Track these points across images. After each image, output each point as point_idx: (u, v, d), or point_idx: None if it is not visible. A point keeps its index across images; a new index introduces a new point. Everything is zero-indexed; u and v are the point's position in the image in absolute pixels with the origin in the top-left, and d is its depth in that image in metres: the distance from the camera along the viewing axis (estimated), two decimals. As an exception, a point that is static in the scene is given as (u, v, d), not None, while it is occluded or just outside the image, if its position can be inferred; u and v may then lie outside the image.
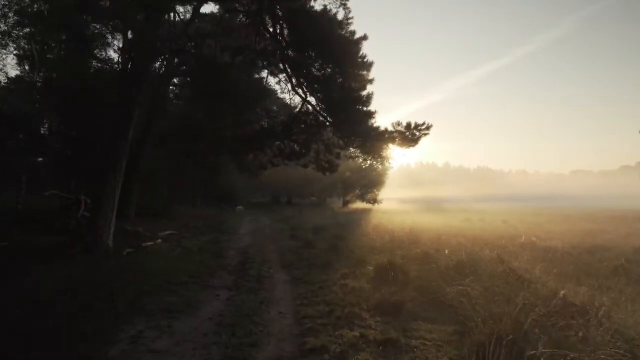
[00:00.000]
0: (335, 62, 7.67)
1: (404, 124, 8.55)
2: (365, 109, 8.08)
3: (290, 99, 9.30)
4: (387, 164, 39.12)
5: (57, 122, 12.40)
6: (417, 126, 8.58)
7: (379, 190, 39.30)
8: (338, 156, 9.59)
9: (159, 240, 9.62)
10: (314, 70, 8.02)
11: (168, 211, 17.53)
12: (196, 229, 13.87)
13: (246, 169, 10.75)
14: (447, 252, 6.97)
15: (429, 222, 18.21)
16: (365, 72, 8.05)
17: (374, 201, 38.44)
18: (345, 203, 40.07)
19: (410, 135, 8.56)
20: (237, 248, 9.81)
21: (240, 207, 26.47)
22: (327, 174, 10.16)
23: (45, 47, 13.62)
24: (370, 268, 6.77)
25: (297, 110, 9.34)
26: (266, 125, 9.62)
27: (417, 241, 10.53)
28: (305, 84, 8.73)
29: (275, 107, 10.87)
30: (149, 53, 7.67)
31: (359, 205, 38.64)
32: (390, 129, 8.65)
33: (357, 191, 39.78)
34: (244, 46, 8.24)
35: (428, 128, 8.69)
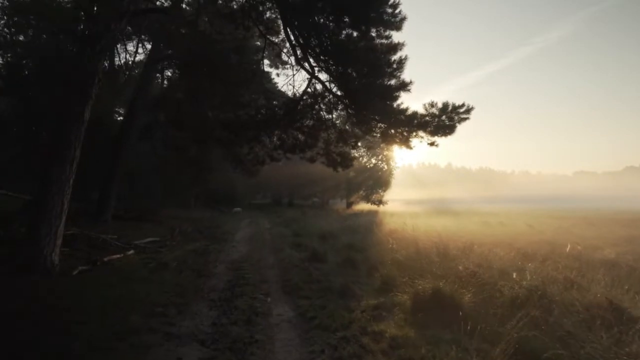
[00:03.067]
0: (354, 17, 5.78)
1: (439, 105, 6.68)
2: (392, 82, 6.19)
3: (294, 75, 7.43)
4: (392, 163, 37.48)
5: (21, 110, 10.55)
6: (454, 108, 6.71)
7: (384, 191, 37.45)
8: (355, 146, 7.70)
9: (131, 252, 7.75)
10: (325, 32, 6.14)
11: (156, 214, 15.72)
12: (184, 234, 11.99)
13: (241, 165, 8.84)
14: (514, 275, 5.07)
15: (445, 226, 16.37)
16: (394, 32, 6.17)
17: (379, 202, 36.55)
18: (349, 204, 38.20)
19: (448, 119, 6.69)
20: (228, 261, 7.94)
21: (238, 209, 24.64)
22: (339, 169, 8.29)
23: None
24: (406, 297, 4.92)
25: (303, 89, 7.48)
26: (264, 110, 7.74)
27: (447, 252, 8.70)
28: (314, 54, 6.86)
29: (273, 87, 9.00)
30: (108, 10, 5.82)
31: (364, 206, 36.74)
32: (421, 111, 6.78)
33: (362, 192, 37.92)
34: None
35: (468, 111, 6.82)
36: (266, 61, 19.51)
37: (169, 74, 17.49)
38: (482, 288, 4.89)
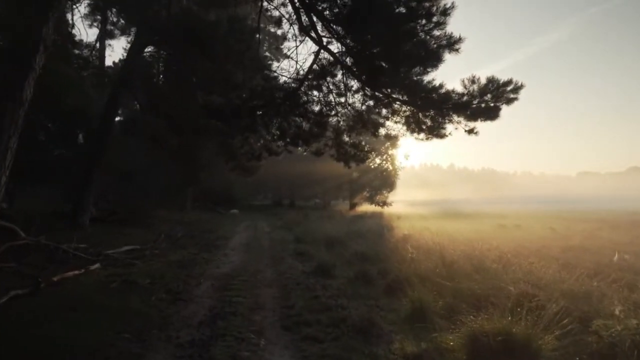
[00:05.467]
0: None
1: (482, 81, 5.23)
2: (432, 42, 4.71)
3: (297, 47, 6.00)
4: (397, 163, 36.09)
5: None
6: (500, 85, 5.26)
7: (389, 192, 36.10)
8: (375, 134, 6.23)
9: (96, 265, 6.31)
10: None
11: (146, 216, 14.36)
12: (172, 240, 10.59)
13: (234, 160, 7.40)
14: (616, 311, 3.60)
15: (459, 230, 14.95)
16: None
17: (384, 203, 35.18)
18: (352, 206, 36.84)
19: (493, 98, 5.25)
20: (215, 276, 6.51)
21: (235, 211, 23.23)
22: (352, 164, 6.85)
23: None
24: (456, 340, 3.48)
25: (308, 66, 6.05)
26: (260, 89, 6.28)
27: (482, 265, 7.25)
28: (322, 19, 5.44)
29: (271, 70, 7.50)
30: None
31: (367, 208, 35.35)
32: (459, 89, 5.33)
33: (365, 193, 36.60)
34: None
35: (517, 89, 5.38)
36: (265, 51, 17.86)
37: (162, 68, 16.17)
38: (567, 328, 3.44)
